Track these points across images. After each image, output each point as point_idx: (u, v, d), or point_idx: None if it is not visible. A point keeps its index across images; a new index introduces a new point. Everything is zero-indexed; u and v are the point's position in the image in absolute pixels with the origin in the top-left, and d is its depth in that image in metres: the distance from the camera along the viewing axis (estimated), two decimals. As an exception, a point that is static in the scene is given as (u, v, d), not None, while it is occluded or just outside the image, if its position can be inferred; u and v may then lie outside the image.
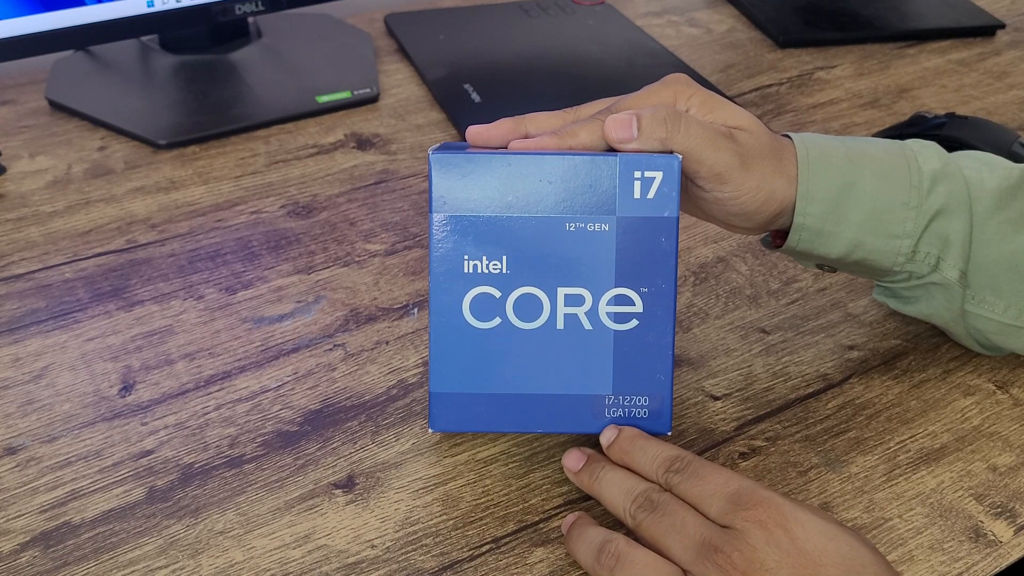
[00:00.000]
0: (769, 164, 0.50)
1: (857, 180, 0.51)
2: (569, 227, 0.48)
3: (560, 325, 0.49)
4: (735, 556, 0.41)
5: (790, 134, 0.53)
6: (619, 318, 0.49)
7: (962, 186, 0.52)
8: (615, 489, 0.47)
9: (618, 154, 0.48)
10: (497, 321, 0.49)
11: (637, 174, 0.47)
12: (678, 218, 0.48)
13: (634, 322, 0.49)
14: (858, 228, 0.51)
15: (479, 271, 0.49)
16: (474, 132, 0.50)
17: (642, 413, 0.50)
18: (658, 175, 0.47)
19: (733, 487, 0.44)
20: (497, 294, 0.49)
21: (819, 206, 0.51)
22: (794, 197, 0.51)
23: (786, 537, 0.42)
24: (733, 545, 0.42)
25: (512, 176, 0.48)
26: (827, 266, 0.56)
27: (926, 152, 0.53)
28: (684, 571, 0.43)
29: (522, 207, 0.48)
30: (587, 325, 0.49)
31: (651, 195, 0.48)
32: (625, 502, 0.46)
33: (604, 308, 0.49)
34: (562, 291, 0.49)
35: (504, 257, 0.49)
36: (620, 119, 0.48)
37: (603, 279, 0.49)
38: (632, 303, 0.49)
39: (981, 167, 0.54)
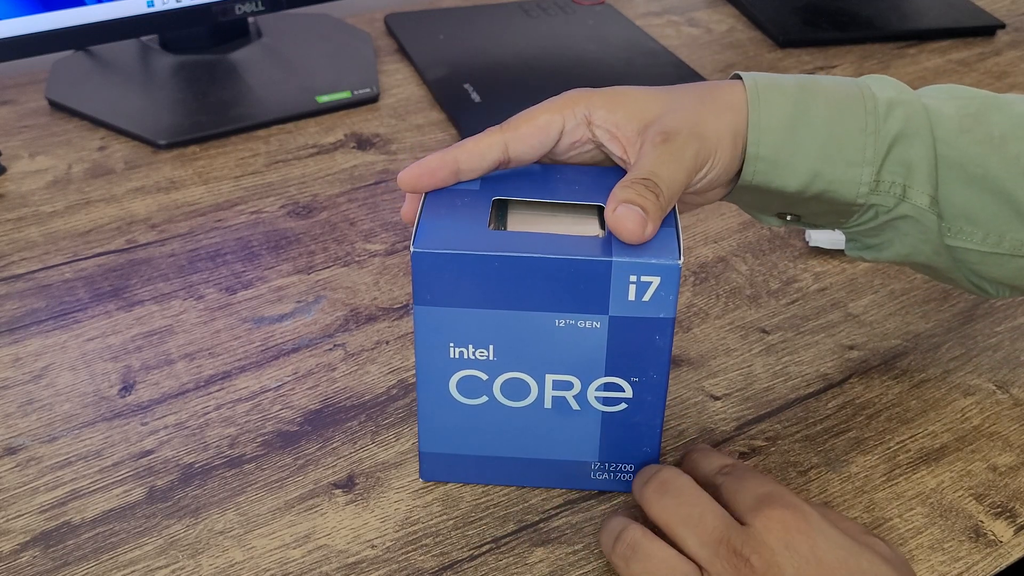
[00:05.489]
0: (707, 111, 0.48)
1: (810, 107, 0.49)
2: (559, 323, 0.46)
3: (548, 405, 0.49)
4: (753, 559, 0.41)
5: (739, 72, 0.51)
6: (608, 402, 0.48)
7: (920, 111, 0.50)
8: (637, 477, 0.47)
9: (612, 259, 0.44)
10: (484, 399, 0.49)
11: (632, 278, 0.44)
12: (675, 318, 0.46)
13: (623, 405, 0.48)
14: (814, 157, 0.49)
15: (465, 357, 0.48)
16: (405, 181, 0.48)
17: (627, 477, 0.51)
18: (655, 280, 0.44)
19: (766, 489, 0.44)
20: (484, 377, 0.48)
21: (772, 135, 0.49)
22: (744, 124, 0.49)
23: (806, 544, 0.41)
24: (751, 547, 0.41)
25: (499, 274, 0.45)
26: (790, 214, 0.53)
27: (880, 82, 0.51)
28: (700, 568, 0.42)
29: (509, 303, 0.46)
30: (575, 406, 0.49)
31: (646, 298, 0.45)
32: (639, 485, 0.46)
33: (593, 393, 0.48)
34: (550, 377, 0.48)
35: (491, 347, 0.47)
36: (627, 218, 0.44)
37: (593, 369, 0.47)
38: (622, 390, 0.48)
39: (940, 94, 0.52)
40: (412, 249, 0.45)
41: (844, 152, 0.49)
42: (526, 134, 0.48)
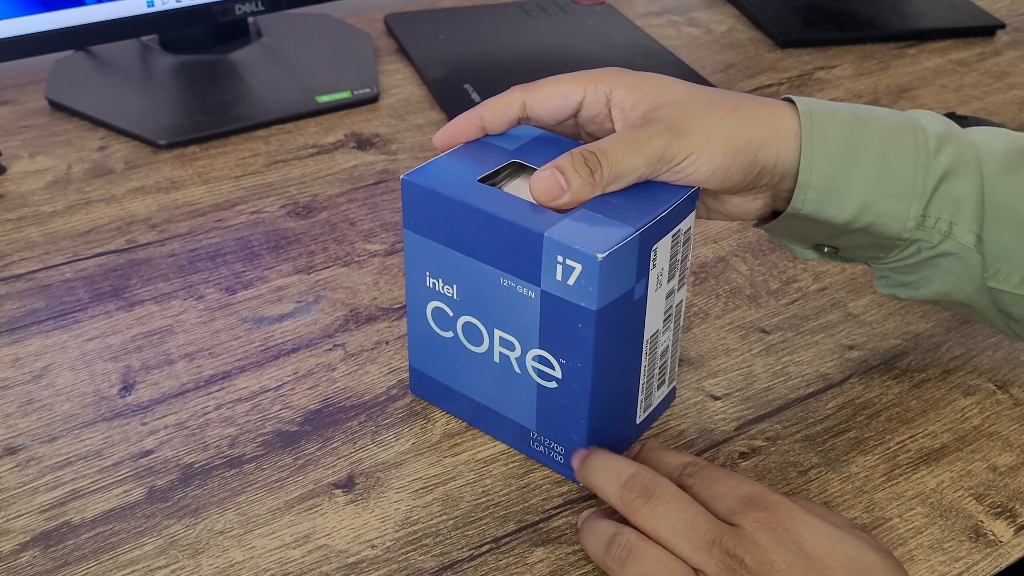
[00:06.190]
0: (714, 116, 0.48)
1: (864, 136, 0.49)
2: (503, 282, 0.48)
3: (496, 359, 0.50)
4: (747, 559, 0.41)
5: (791, 96, 0.51)
6: (542, 375, 0.49)
7: (969, 147, 0.50)
8: (604, 475, 0.47)
9: (544, 233, 0.45)
10: (451, 334, 0.52)
11: (560, 258, 0.45)
12: (598, 311, 0.45)
13: (554, 383, 0.49)
14: (867, 187, 0.48)
15: (437, 289, 0.51)
16: (441, 143, 0.51)
17: (559, 458, 0.51)
18: (578, 267, 0.44)
19: (745, 490, 0.44)
20: (450, 313, 0.51)
21: (826, 162, 0.48)
22: (766, 143, 0.48)
23: (792, 540, 0.42)
24: (744, 547, 0.42)
25: (460, 220, 0.47)
26: (828, 246, 0.53)
27: (928, 116, 0.51)
28: (695, 571, 0.43)
29: (470, 250, 0.48)
30: (516, 369, 0.50)
31: (571, 282, 0.45)
32: (616, 487, 0.46)
33: (529, 362, 0.49)
34: (498, 333, 0.50)
35: (455, 286, 0.50)
36: (544, 180, 0.46)
37: (529, 337, 0.48)
38: (552, 367, 0.48)
39: (986, 133, 0.52)
40: (402, 176, 0.49)
41: (895, 184, 0.49)
42: (544, 97, 0.51)
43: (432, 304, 0.51)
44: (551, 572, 0.48)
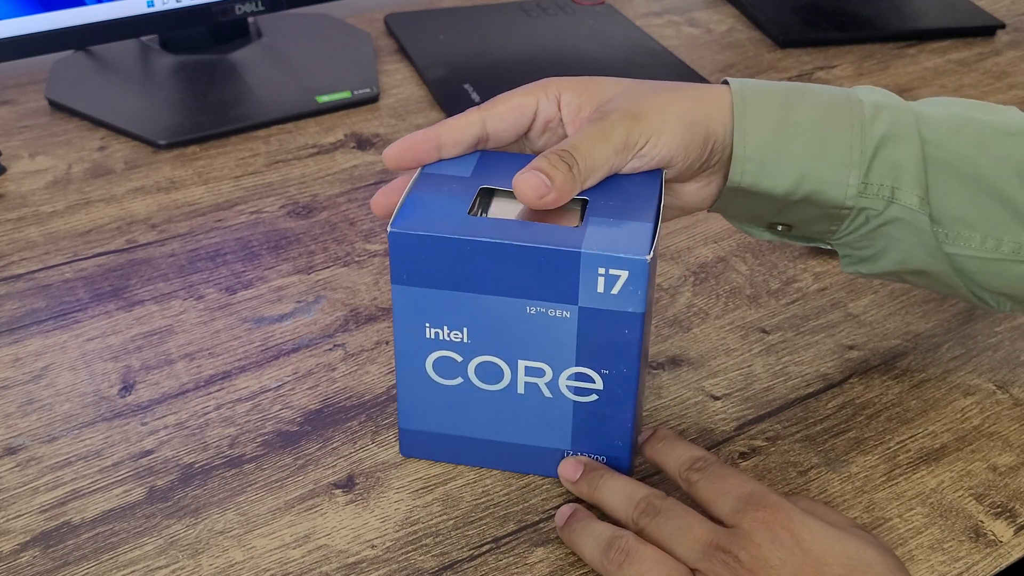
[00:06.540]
0: (662, 98, 0.49)
1: (796, 109, 0.50)
2: (530, 310, 0.46)
3: (520, 390, 0.49)
4: (741, 555, 0.42)
5: (727, 79, 0.52)
6: (579, 391, 0.49)
7: (907, 114, 0.50)
8: (617, 497, 0.48)
9: (581, 250, 0.44)
10: (459, 380, 0.49)
11: (601, 271, 0.44)
12: (644, 313, 0.45)
13: (594, 396, 0.48)
14: (801, 157, 0.49)
15: (440, 338, 0.48)
16: (391, 157, 0.49)
17: None
18: (623, 274, 0.44)
19: (747, 489, 0.45)
20: (459, 359, 0.49)
21: (758, 136, 0.49)
22: (712, 117, 0.49)
23: (791, 539, 0.42)
24: (739, 544, 0.43)
25: (472, 258, 0.46)
26: (781, 224, 0.53)
27: (865, 89, 0.52)
28: (692, 570, 0.43)
29: (482, 287, 0.46)
30: (547, 393, 0.49)
31: (615, 291, 0.45)
32: (627, 507, 0.47)
33: (564, 382, 0.48)
34: (522, 363, 0.48)
35: (465, 329, 0.48)
36: (529, 179, 0.46)
37: (563, 358, 0.48)
38: (592, 380, 0.48)
39: (929, 101, 0.53)
40: (389, 229, 0.46)
41: (831, 153, 0.49)
42: (502, 112, 0.51)
43: (434, 355, 0.49)
44: (551, 572, 0.48)
